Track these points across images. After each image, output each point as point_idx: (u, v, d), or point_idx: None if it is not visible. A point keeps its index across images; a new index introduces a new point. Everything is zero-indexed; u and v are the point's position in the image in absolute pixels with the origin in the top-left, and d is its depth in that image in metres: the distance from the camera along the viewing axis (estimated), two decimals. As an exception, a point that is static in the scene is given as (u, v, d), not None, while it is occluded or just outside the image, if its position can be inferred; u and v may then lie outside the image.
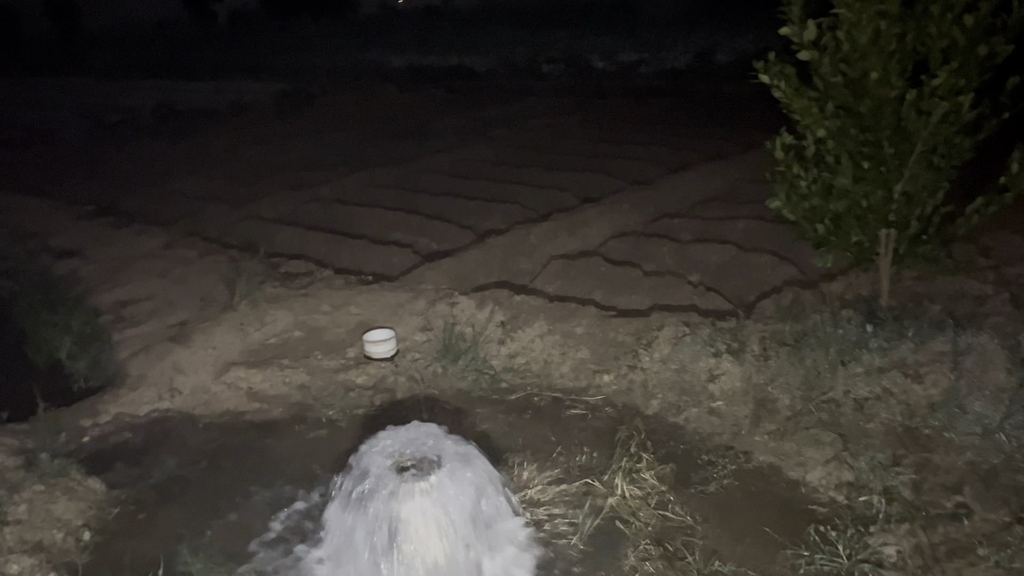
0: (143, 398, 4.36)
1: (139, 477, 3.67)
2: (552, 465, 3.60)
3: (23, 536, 3.15)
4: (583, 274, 5.74)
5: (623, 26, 28.20)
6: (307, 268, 6.14)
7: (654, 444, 3.61)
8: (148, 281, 6.05)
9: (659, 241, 6.25)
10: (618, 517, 3.19)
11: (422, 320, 5.03)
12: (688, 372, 4.07)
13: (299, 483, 3.55)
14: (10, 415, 4.16)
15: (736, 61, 17.77)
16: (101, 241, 7.25)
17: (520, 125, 12.16)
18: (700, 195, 7.66)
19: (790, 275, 5.37)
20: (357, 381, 4.51)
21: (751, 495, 3.33)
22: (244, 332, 4.90)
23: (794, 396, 3.74)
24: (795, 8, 3.83)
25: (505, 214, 7.23)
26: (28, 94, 22.85)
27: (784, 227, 4.66)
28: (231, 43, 37.73)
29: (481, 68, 22.01)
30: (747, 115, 10.25)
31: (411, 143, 11.05)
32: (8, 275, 6.68)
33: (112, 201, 8.80)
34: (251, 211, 7.91)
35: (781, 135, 4.14)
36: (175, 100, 17.29)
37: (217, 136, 12.89)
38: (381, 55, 27.83)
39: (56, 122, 15.66)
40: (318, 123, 13.77)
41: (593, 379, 4.34)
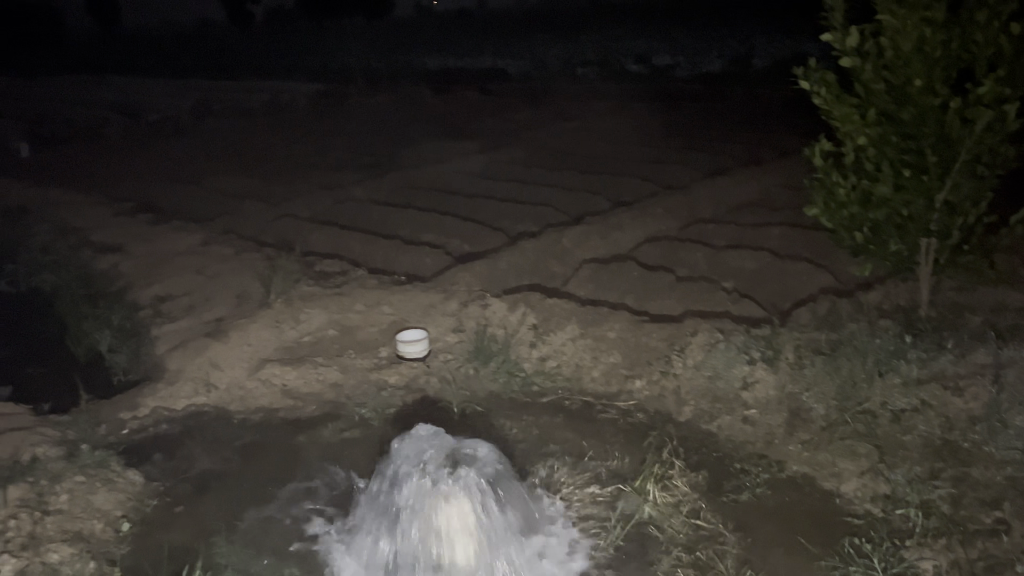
0: (180, 393, 4.44)
1: (176, 470, 3.73)
2: (583, 469, 3.59)
3: (64, 526, 3.22)
4: (615, 278, 5.73)
5: (658, 29, 28.07)
6: (341, 267, 6.20)
7: (686, 451, 3.60)
8: (186, 277, 6.15)
9: (693, 246, 6.22)
10: (649, 523, 3.18)
11: (454, 321, 5.05)
12: (721, 379, 4.04)
13: (332, 479, 3.57)
14: (52, 406, 4.26)
15: (772, 66, 17.62)
16: (140, 237, 7.38)
17: (553, 128, 12.17)
18: (735, 200, 7.61)
19: (826, 283, 5.31)
20: (390, 380, 4.54)
21: (784, 505, 3.30)
22: (279, 329, 4.96)
23: (829, 406, 3.70)
24: (837, 14, 3.79)
25: (537, 217, 7.24)
26: (71, 92, 23.33)
27: (820, 234, 4.61)
28: (268, 43, 38.24)
29: (514, 71, 22.07)
30: (783, 120, 10.16)
31: (444, 145, 11.10)
32: (51, 269, 6.83)
33: (151, 198, 8.96)
34: (286, 210, 8.00)
35: (820, 142, 4.11)
36: (213, 99, 17.57)
37: (253, 135, 13.07)
38: (415, 57, 28.04)
39: (97, 119, 15.98)
40: (352, 124, 13.89)
41: (625, 384, 4.32)
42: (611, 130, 11.72)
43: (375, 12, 48.55)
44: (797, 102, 4.50)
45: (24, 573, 2.98)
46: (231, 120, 15.01)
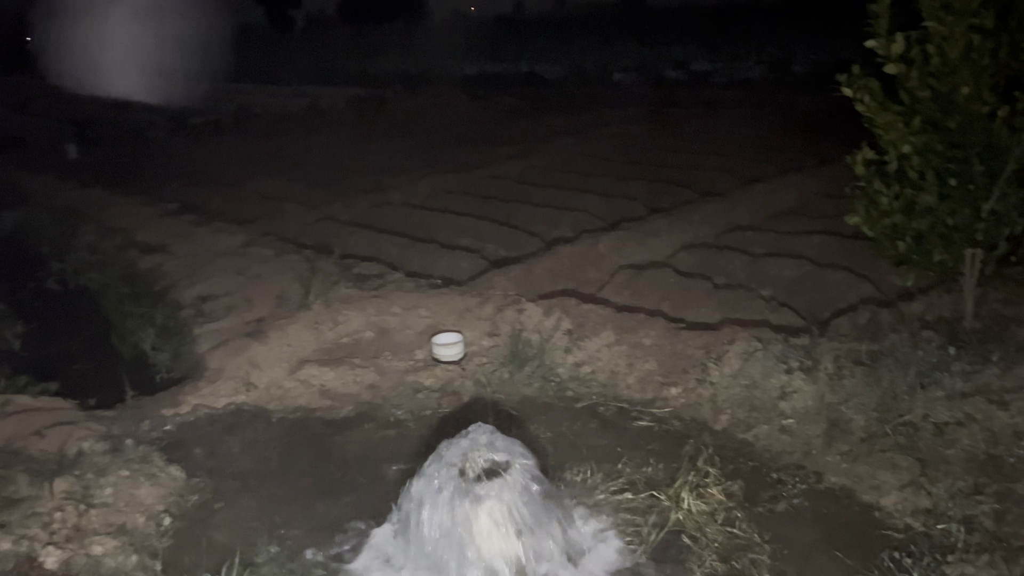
0: (221, 391, 4.51)
1: (216, 467, 3.80)
2: (617, 476, 3.58)
3: (108, 519, 3.30)
4: (652, 285, 5.71)
5: (696, 35, 27.91)
6: (379, 270, 6.26)
7: (722, 460, 3.56)
8: (227, 278, 6.26)
9: (730, 254, 6.17)
10: (684, 531, 3.16)
11: (489, 325, 5.07)
12: (759, 388, 4.00)
13: (368, 480, 3.62)
14: (97, 402, 4.37)
15: (812, 72, 17.41)
16: (183, 238, 7.53)
17: (589, 134, 12.16)
18: (773, 208, 7.54)
19: (867, 293, 5.24)
20: (425, 383, 4.58)
21: (822, 517, 3.26)
22: (318, 331, 5.03)
23: (869, 418, 3.64)
24: (882, 21, 3.75)
25: (574, 222, 7.24)
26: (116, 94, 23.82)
27: (861, 244, 4.56)
28: (308, 49, 38.74)
29: (551, 76, 22.08)
30: (823, 128, 10.04)
31: (481, 149, 11.17)
32: (97, 268, 7.01)
33: (194, 199, 9.15)
34: (325, 213, 8.11)
35: (862, 150, 4.06)
36: (254, 103, 17.87)
37: (293, 139, 13.26)
38: (452, 62, 28.18)
39: (143, 122, 16.33)
40: (390, 128, 14.04)
41: (660, 391, 4.31)
42: (648, 136, 11.69)
43: (413, 18, 49.03)
44: (837, 109, 4.46)
45: (69, 564, 3.05)
46: (272, 124, 15.25)
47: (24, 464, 3.56)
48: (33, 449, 3.72)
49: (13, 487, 3.43)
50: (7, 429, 3.91)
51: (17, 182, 11.06)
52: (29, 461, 3.60)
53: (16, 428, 3.92)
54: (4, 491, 3.40)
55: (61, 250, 7.70)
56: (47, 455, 3.62)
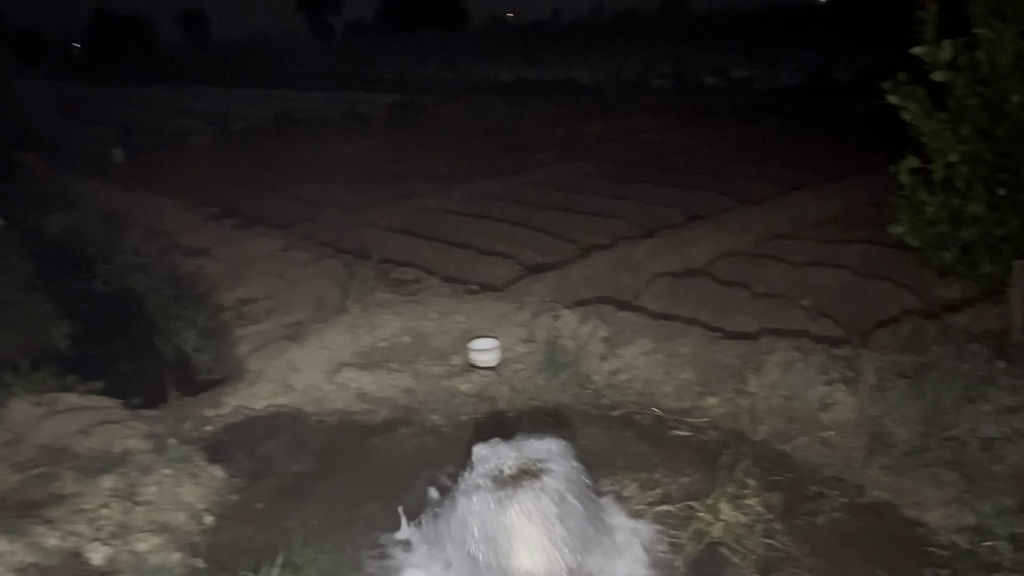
0: (260, 393, 4.58)
1: (256, 467, 3.85)
2: (654, 485, 3.55)
3: (151, 516, 3.37)
4: (689, 293, 5.67)
5: (735, 42, 27.68)
6: (415, 275, 6.31)
7: (761, 471, 3.52)
8: (267, 281, 6.36)
9: (769, 262, 6.11)
10: (722, 543, 3.12)
11: (525, 331, 5.07)
12: (799, 399, 3.95)
13: (405, 483, 3.62)
14: (142, 401, 4.46)
15: (853, 79, 17.16)
16: (225, 241, 7.67)
17: (627, 140, 12.13)
18: (814, 216, 7.44)
19: (910, 304, 5.14)
20: (461, 388, 4.59)
21: (863, 531, 3.20)
22: (355, 334, 5.08)
23: (913, 431, 3.57)
24: (930, 27, 3.69)
25: (610, 229, 7.22)
26: (162, 101, 24.43)
27: (905, 253, 4.48)
28: (347, 55, 39.21)
29: (589, 82, 22.06)
30: (865, 135, 9.89)
31: (518, 155, 11.19)
32: (142, 270, 7.16)
33: (235, 204, 9.31)
34: (363, 218, 8.20)
35: (907, 158, 3.99)
36: (294, 109, 18.13)
37: (332, 145, 13.42)
38: (490, 68, 28.31)
39: (186, 128, 16.68)
40: (428, 134, 14.14)
41: (698, 401, 4.27)
42: (686, 143, 11.62)
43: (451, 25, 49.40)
44: (879, 116, 4.39)
45: (114, 560, 3.12)
46: (311, 130, 15.47)
47: (71, 461, 3.65)
48: (80, 447, 3.81)
49: (60, 484, 3.52)
50: (55, 427, 4.01)
51: (66, 186, 11.36)
52: (76, 458, 3.69)
53: (64, 426, 4.02)
54: (52, 488, 3.50)
55: (107, 252, 7.89)
56: (93, 453, 3.71)
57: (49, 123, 19.29)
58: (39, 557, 3.09)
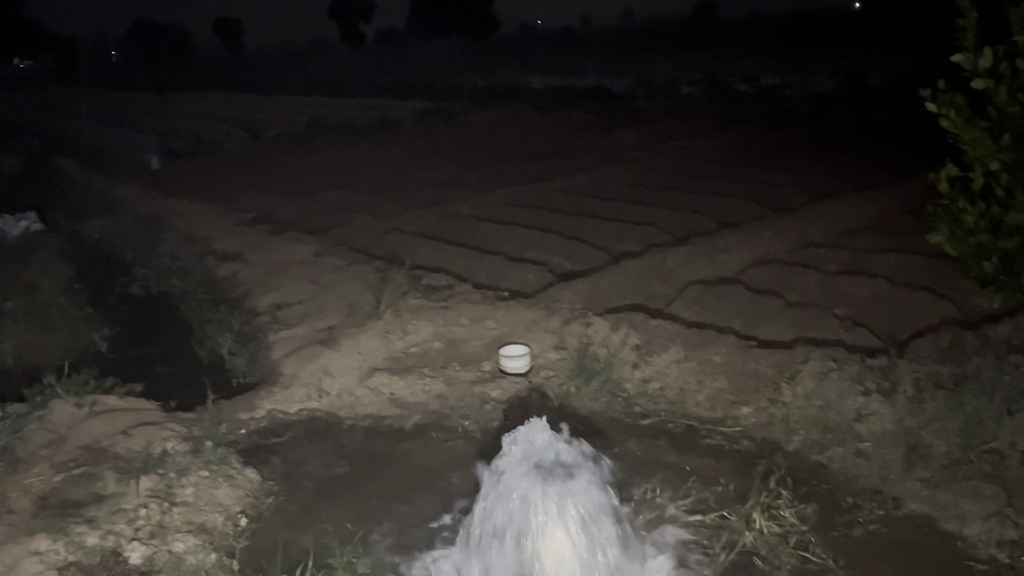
0: (294, 397, 4.63)
1: (290, 471, 3.89)
2: (685, 494, 3.54)
3: (189, 517, 3.42)
4: (722, 301, 5.63)
5: (767, 48, 27.48)
6: (447, 282, 6.34)
7: (795, 481, 3.48)
8: (300, 286, 6.43)
9: (803, 271, 6.05)
10: (755, 553, 3.10)
11: (556, 338, 5.08)
12: (833, 409, 3.90)
13: (436, 487, 3.66)
14: (178, 404, 4.53)
15: (888, 85, 16.96)
16: (259, 247, 7.77)
17: (658, 147, 12.09)
18: (848, 224, 7.37)
19: (948, 314, 5.06)
20: (492, 394, 4.61)
21: (900, 544, 3.16)
22: (388, 340, 5.11)
23: (951, 443, 3.52)
24: (969, 35, 3.64)
25: (641, 236, 7.20)
26: (197, 108, 24.84)
27: (942, 263, 4.42)
28: (378, 63, 39.55)
29: (619, 89, 22.05)
30: (901, 142, 9.77)
31: (548, 163, 11.21)
32: (178, 275, 7.28)
33: (269, 210, 9.43)
34: (395, 224, 8.26)
35: (946, 166, 3.94)
36: (326, 116, 18.33)
37: (364, 151, 13.54)
38: (520, 75, 28.39)
39: (221, 134, 16.93)
40: (458, 141, 14.22)
41: (731, 410, 4.24)
42: (717, 150, 11.56)
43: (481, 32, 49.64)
44: (914, 123, 4.34)
45: (152, 560, 3.17)
46: (343, 136, 15.62)
47: (111, 462, 3.71)
48: (119, 448, 3.88)
49: (100, 484, 3.59)
50: (96, 428, 4.09)
51: (104, 191, 11.58)
52: (116, 459, 3.75)
53: (104, 427, 4.09)
54: (93, 488, 3.56)
55: (145, 257, 8.02)
56: (133, 454, 3.77)
57: (88, 129, 19.69)
58: (80, 556, 3.15)
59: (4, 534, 3.26)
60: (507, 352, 4.79)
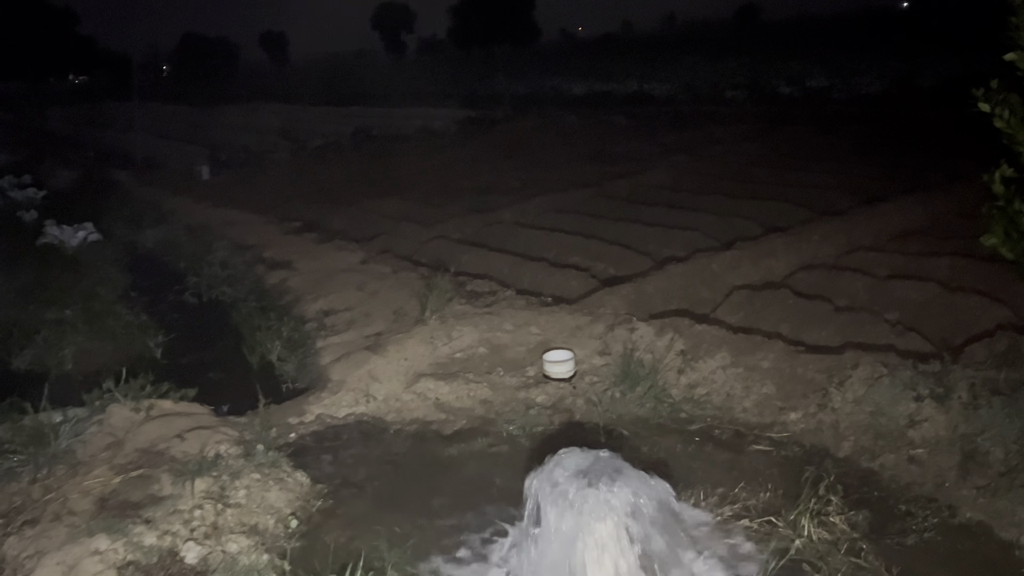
0: (342, 402, 4.71)
1: (338, 474, 3.96)
2: (733, 500, 3.51)
3: (241, 519, 3.50)
4: (768, 306, 5.57)
5: (812, 50, 27.08)
6: (490, 288, 6.39)
7: (845, 488, 3.44)
8: (347, 293, 6.53)
9: (852, 275, 5.96)
10: (805, 560, 3.06)
11: (600, 344, 5.08)
12: (885, 415, 3.84)
13: (483, 492, 3.68)
14: (230, 408, 4.64)
15: (939, 86, 16.59)
16: (307, 255, 7.92)
17: (701, 152, 12.00)
18: (898, 228, 7.23)
19: (1004, 318, 4.93)
20: (537, 399, 4.62)
21: (956, 552, 3.09)
22: (433, 345, 5.17)
23: (1009, 450, 3.43)
24: (1023, 33, 3.56)
25: (685, 241, 7.16)
26: (244, 119, 25.35)
27: (997, 266, 4.32)
28: (421, 72, 39.94)
29: (661, 94, 21.94)
30: (952, 143, 9.55)
31: (590, 168, 11.20)
32: (228, 283, 7.45)
33: (316, 218, 9.59)
34: (439, 231, 8.34)
35: (1000, 167, 3.85)
36: (371, 125, 18.57)
37: (408, 160, 13.70)
38: (561, 82, 28.42)
39: (268, 145, 17.27)
40: (500, 148, 14.28)
41: (779, 416, 4.19)
42: (762, 154, 11.43)
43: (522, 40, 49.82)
44: (966, 124, 4.25)
45: (207, 560, 3.25)
46: (388, 145, 15.82)
47: (167, 464, 3.82)
48: (175, 451, 3.98)
49: (157, 486, 3.69)
50: (152, 432, 4.20)
51: (157, 202, 11.90)
52: (172, 462, 3.85)
53: (160, 431, 4.21)
54: (150, 489, 3.66)
55: (196, 265, 8.22)
56: (188, 457, 3.86)
57: (141, 142, 20.25)
58: (138, 555, 3.24)
59: (66, 534, 3.37)
60: (551, 357, 4.81)
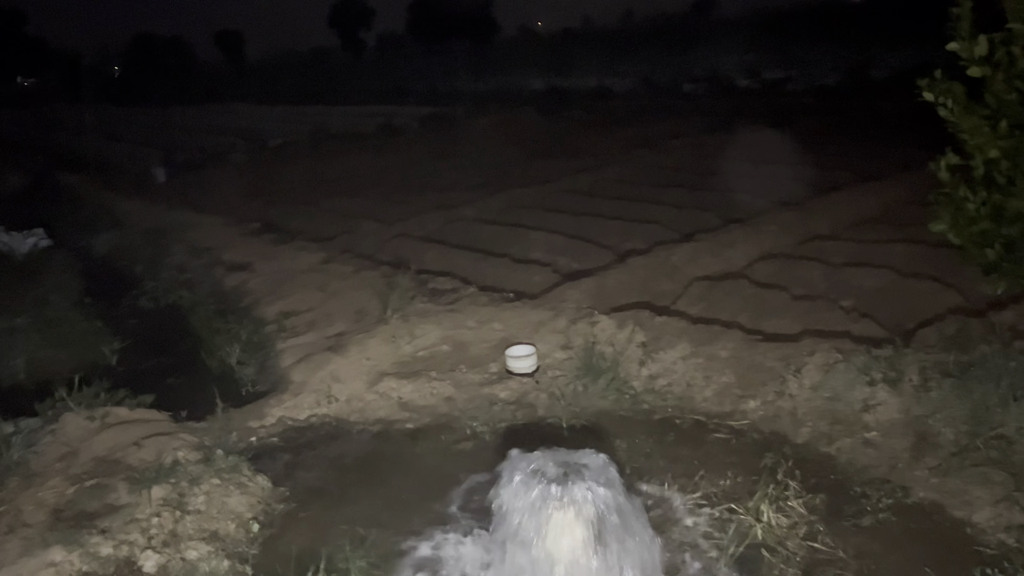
0: (304, 404, 4.66)
1: (301, 477, 3.93)
2: (695, 488, 3.55)
3: (201, 525, 3.45)
4: (728, 296, 5.64)
5: (769, 43, 27.43)
6: (453, 285, 6.37)
7: (803, 473, 3.50)
8: (308, 294, 6.47)
9: (809, 264, 6.05)
10: (764, 545, 3.11)
11: (563, 338, 5.10)
12: (841, 401, 3.91)
13: (447, 489, 3.68)
14: (189, 414, 4.57)
15: (892, 77, 16.92)
16: (266, 256, 7.82)
17: (661, 145, 12.10)
18: (853, 216, 7.36)
19: (954, 303, 5.05)
20: (500, 395, 4.63)
21: (910, 532, 3.16)
22: (396, 344, 5.15)
23: (959, 431, 3.52)
24: (964, 23, 3.65)
25: (646, 234, 7.21)
26: (201, 120, 24.96)
27: (947, 252, 4.42)
28: (379, 69, 39.67)
29: (620, 89, 22.07)
30: (905, 134, 9.74)
31: (551, 164, 11.23)
32: (187, 286, 7.34)
33: (275, 219, 9.48)
34: (401, 230, 8.30)
35: (946, 155, 3.94)
36: (330, 124, 18.39)
37: (368, 158, 13.60)
38: (521, 78, 28.43)
39: (225, 146, 17.02)
40: (461, 145, 14.25)
41: (738, 404, 4.25)
42: (721, 146, 11.54)
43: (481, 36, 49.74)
44: (920, 114, 4.34)
45: (166, 568, 3.21)
46: (347, 144, 15.69)
47: (124, 473, 3.75)
48: (132, 459, 3.91)
49: (114, 495, 3.62)
50: (108, 440, 4.13)
51: (111, 205, 11.67)
52: (128, 470, 3.79)
53: (116, 439, 4.13)
54: (106, 498, 3.60)
55: (153, 269, 8.09)
56: (145, 464, 3.80)
57: (93, 145, 19.83)
58: (95, 566, 3.18)
59: (20, 547, 3.30)
60: (513, 353, 4.82)
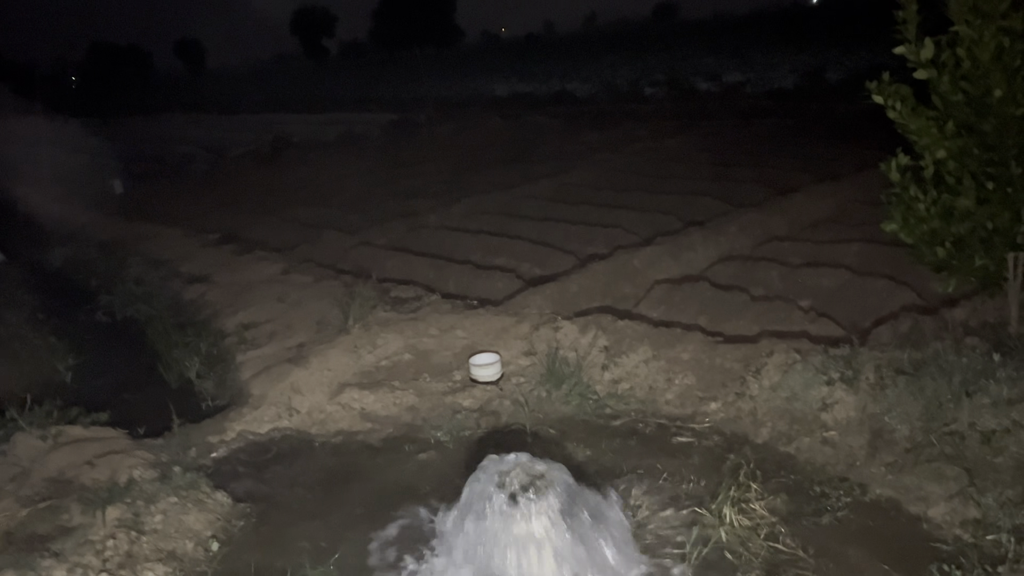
0: (264, 417, 4.59)
1: (261, 492, 3.86)
2: (658, 492, 3.57)
3: (158, 545, 3.38)
4: (688, 299, 5.68)
5: (728, 47, 27.81)
6: (416, 293, 6.33)
7: (764, 473, 3.53)
8: (268, 305, 6.39)
9: (767, 265, 6.12)
10: (727, 547, 3.13)
11: (526, 344, 5.09)
12: (799, 400, 3.96)
13: (410, 500, 3.65)
14: (146, 430, 4.48)
15: (848, 79, 17.23)
16: (225, 267, 7.71)
17: (622, 149, 12.17)
18: (810, 217, 7.47)
19: (908, 301, 5.15)
20: (464, 403, 4.61)
21: (868, 529, 3.21)
22: (357, 354, 5.10)
23: (914, 427, 3.58)
24: (911, 27, 3.72)
25: (608, 238, 7.24)
26: (159, 130, 24.58)
27: (901, 251, 4.49)
28: (342, 77, 39.44)
29: (583, 93, 22.19)
30: (860, 135, 9.94)
31: (514, 170, 11.24)
32: (144, 299, 7.20)
33: (235, 229, 9.35)
34: (363, 238, 8.23)
35: (897, 156, 4.01)
36: (291, 132, 18.22)
37: (330, 166, 13.49)
38: (484, 83, 28.47)
39: (185, 156, 16.78)
40: (424, 152, 14.21)
41: (700, 406, 4.28)
42: (681, 149, 11.66)
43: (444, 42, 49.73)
44: (873, 116, 4.41)
45: (122, 590, 3.13)
46: (308, 152, 15.55)
47: (77, 493, 3.66)
48: (85, 478, 3.83)
49: (67, 516, 3.54)
50: (60, 459, 4.03)
51: (66, 219, 11.43)
52: (81, 490, 3.70)
53: (69, 458, 4.04)
54: (58, 520, 3.51)
55: (109, 283, 7.93)
56: (99, 484, 3.72)
57: (48, 157, 19.39)
58: (47, 590, 3.10)
59: (-31, 573, 3.20)
60: (477, 361, 4.80)
